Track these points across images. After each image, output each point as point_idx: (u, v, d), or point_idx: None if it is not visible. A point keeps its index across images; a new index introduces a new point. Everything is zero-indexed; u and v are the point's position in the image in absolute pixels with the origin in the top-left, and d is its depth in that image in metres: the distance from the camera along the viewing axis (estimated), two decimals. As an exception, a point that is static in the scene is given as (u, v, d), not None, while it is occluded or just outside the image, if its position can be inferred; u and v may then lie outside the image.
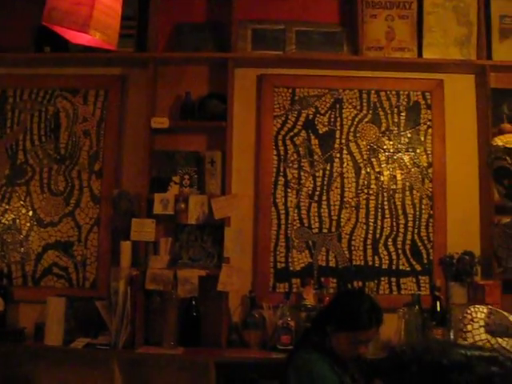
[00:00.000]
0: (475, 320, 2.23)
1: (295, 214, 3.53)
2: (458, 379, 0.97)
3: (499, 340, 2.23)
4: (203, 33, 3.67)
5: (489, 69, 3.58)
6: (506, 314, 2.32)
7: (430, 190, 3.54)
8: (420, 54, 3.62)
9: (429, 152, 3.57)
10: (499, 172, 2.33)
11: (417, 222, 3.52)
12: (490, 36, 3.69)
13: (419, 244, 3.51)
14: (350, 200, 3.54)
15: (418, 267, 3.50)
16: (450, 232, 3.52)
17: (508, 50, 3.67)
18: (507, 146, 2.29)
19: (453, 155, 3.57)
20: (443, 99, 3.63)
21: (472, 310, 2.27)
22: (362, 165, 3.56)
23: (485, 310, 2.26)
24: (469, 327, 2.23)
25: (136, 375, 3.36)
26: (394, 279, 3.50)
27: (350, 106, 3.61)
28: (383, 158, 3.57)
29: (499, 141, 2.34)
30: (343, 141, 3.58)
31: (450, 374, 0.97)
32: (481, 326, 2.23)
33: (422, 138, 3.59)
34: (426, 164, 3.56)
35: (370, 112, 3.61)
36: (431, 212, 3.52)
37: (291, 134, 3.59)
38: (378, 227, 3.52)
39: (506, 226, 2.55)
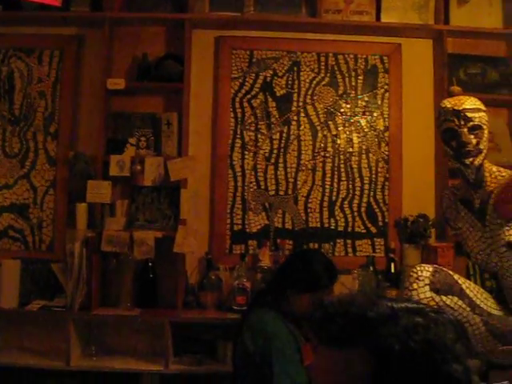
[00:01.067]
0: (420, 278, 2.27)
1: (252, 177, 3.53)
2: (383, 330, 0.98)
3: (443, 298, 2.27)
4: (161, -7, 3.62)
5: (446, 34, 3.59)
6: (451, 272, 2.37)
7: (387, 153, 3.56)
8: (378, 17, 3.61)
9: (385, 116, 3.59)
10: (447, 133, 2.35)
11: (373, 185, 3.55)
12: (448, 1, 3.69)
13: (375, 207, 3.55)
14: (307, 163, 3.55)
15: (373, 229, 3.55)
16: (406, 195, 3.56)
17: (465, 16, 3.67)
18: (455, 107, 2.32)
19: (409, 119, 3.60)
20: (401, 63, 3.64)
21: (418, 268, 2.30)
22: (318, 128, 3.57)
23: (430, 269, 2.30)
24: (414, 285, 2.27)
25: (92, 337, 3.38)
26: (349, 241, 3.54)
27: (307, 69, 3.60)
28: (340, 121, 3.58)
29: (448, 103, 2.36)
30: (300, 103, 3.58)
31: (374, 325, 0.99)
32: (426, 285, 2.26)
33: (379, 102, 3.60)
34: (382, 128, 3.58)
35: (328, 75, 3.60)
36: (387, 175, 3.55)
37: (249, 96, 3.57)
38: (335, 190, 3.54)
39: (454, 188, 2.58)
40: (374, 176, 3.55)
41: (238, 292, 3.29)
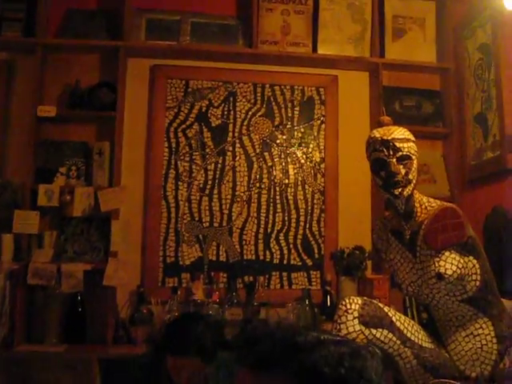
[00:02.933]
0: (349, 311, 2.21)
1: (186, 208, 3.46)
2: (313, 355, 0.96)
3: (373, 331, 2.22)
4: (95, 20, 3.56)
5: (381, 66, 3.63)
6: (381, 305, 2.32)
7: (323, 185, 3.55)
8: (315, 49, 3.63)
9: (322, 147, 3.58)
10: (376, 164, 2.32)
11: (308, 217, 3.52)
12: (383, 35, 3.74)
13: (311, 239, 3.51)
14: (242, 194, 3.50)
15: (309, 262, 3.50)
16: (342, 227, 3.54)
17: (400, 49, 3.73)
18: (384, 137, 2.29)
19: (345, 151, 3.59)
20: (337, 95, 3.65)
21: (346, 301, 2.25)
22: (254, 159, 3.53)
23: (359, 301, 2.24)
24: (343, 318, 2.21)
25: (16, 374, 3.21)
26: (285, 274, 3.48)
27: (243, 100, 3.57)
28: (276, 153, 3.55)
29: (377, 133, 2.34)
30: (236, 134, 3.54)
31: (303, 349, 0.97)
32: (355, 318, 2.20)
33: (316, 133, 3.59)
34: (318, 159, 3.57)
35: (264, 106, 3.58)
36: (323, 207, 3.53)
37: (183, 126, 3.52)
38: (270, 221, 3.49)
39: (385, 219, 2.55)
40: (309, 208, 3.52)
41: (169, 327, 3.17)
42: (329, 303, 3.31)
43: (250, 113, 3.57)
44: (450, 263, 2.21)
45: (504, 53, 3.09)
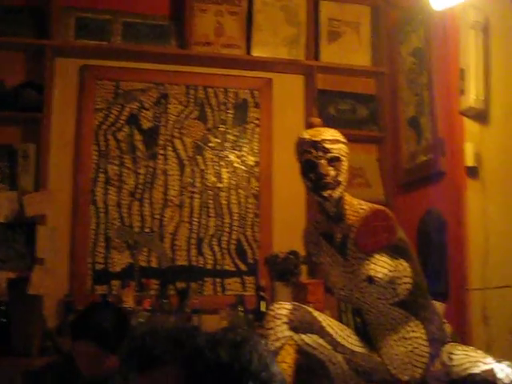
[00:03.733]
0: (278, 317, 2.15)
1: (115, 213, 3.34)
2: (194, 343, 0.95)
3: (303, 336, 2.16)
4: (21, 17, 3.41)
5: (316, 70, 3.61)
6: (310, 309, 2.27)
7: (256, 189, 3.49)
8: (249, 51, 3.58)
9: (255, 151, 3.53)
10: (306, 165, 2.27)
11: (242, 222, 3.46)
12: (318, 38, 3.71)
13: (244, 244, 3.45)
14: (174, 198, 3.41)
15: (243, 267, 3.44)
16: (276, 231, 3.49)
17: (335, 52, 3.72)
18: (314, 138, 2.25)
19: (280, 154, 3.54)
20: (271, 98, 3.61)
21: (275, 306, 2.19)
22: (186, 162, 3.45)
23: (288, 307, 2.19)
24: (271, 324, 2.15)
25: None
26: (218, 280, 3.40)
27: (176, 102, 3.49)
28: (209, 156, 3.48)
29: (306, 134, 2.29)
30: (168, 137, 3.45)
31: (184, 340, 0.99)
32: (283, 323, 2.15)
33: (250, 137, 3.54)
34: (252, 163, 3.51)
35: (197, 108, 3.51)
36: (257, 211, 3.48)
37: (113, 128, 3.41)
38: (203, 226, 3.41)
39: (316, 222, 2.50)
40: (243, 212, 3.46)
41: (97, 336, 3.05)
42: (263, 309, 3.24)
43: (183, 115, 3.48)
44: (380, 266, 2.18)
45: (436, 57, 3.10)
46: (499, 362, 1.99)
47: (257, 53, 3.56)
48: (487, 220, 2.84)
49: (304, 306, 2.27)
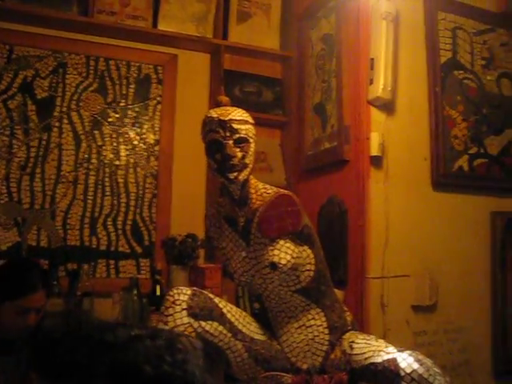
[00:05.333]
0: (177, 303, 2.05)
1: (3, 187, 3.09)
2: (124, 356, 0.80)
3: (202, 323, 2.08)
4: None
5: (224, 49, 3.51)
6: (211, 295, 2.19)
7: (156, 168, 3.35)
8: (155, 25, 3.42)
9: (156, 129, 3.38)
10: (212, 145, 2.17)
11: (139, 202, 3.31)
12: (227, 17, 3.61)
13: (141, 225, 3.30)
14: (68, 174, 3.20)
15: (138, 249, 3.29)
16: (175, 213, 3.37)
17: (244, 33, 3.63)
18: (221, 117, 2.15)
19: (182, 134, 3.42)
20: (176, 75, 3.47)
21: (174, 291, 2.08)
22: (83, 137, 3.25)
23: (188, 292, 2.09)
24: (170, 310, 2.05)
25: None
26: (112, 262, 3.24)
27: (74, 72, 3.27)
28: (107, 132, 3.29)
29: (214, 113, 2.19)
30: (64, 109, 3.23)
31: (111, 350, 0.80)
32: (183, 309, 2.05)
33: (151, 114, 3.38)
34: (152, 141, 3.37)
35: (97, 81, 3.31)
36: (155, 192, 3.33)
37: (5, 96, 3.14)
38: (98, 205, 3.23)
39: (218, 205, 2.41)
40: (141, 192, 3.31)
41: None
42: (158, 293, 3.12)
43: (81, 87, 3.27)
44: (284, 252, 2.12)
45: (346, 44, 3.07)
46: (401, 351, 1.98)
47: (163, 27, 3.40)
48: (388, 209, 2.86)
49: (205, 292, 2.18)
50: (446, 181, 3.03)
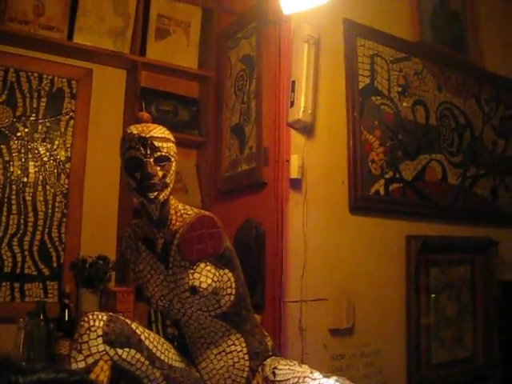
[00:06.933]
0: (92, 329, 1.93)
1: None
2: None
3: (119, 351, 1.96)
4: None
5: (141, 66, 3.41)
6: (128, 321, 2.08)
7: (66, 186, 3.19)
8: (71, 37, 3.28)
9: (68, 145, 3.23)
10: (131, 163, 2.06)
11: (48, 221, 3.14)
12: (146, 33, 3.53)
13: (49, 245, 3.13)
14: (-29, 190, 3.01)
15: (46, 271, 3.12)
16: (85, 234, 3.22)
17: (162, 51, 3.56)
18: (142, 134, 2.06)
19: (95, 151, 3.30)
20: (90, 90, 3.34)
21: (90, 317, 1.96)
22: (-11, 151, 3.07)
23: (104, 318, 1.97)
24: (85, 337, 1.92)
25: None
26: (17, 284, 3.05)
27: (-19, 82, 3.10)
28: (15, 147, 3.11)
29: (134, 129, 2.09)
30: (-30, 122, 3.05)
31: None
32: (98, 336, 1.93)
33: (63, 129, 3.23)
34: (63, 158, 3.21)
35: (6, 92, 3.13)
36: (65, 211, 3.18)
37: None
38: (3, 224, 3.04)
39: (136, 226, 2.31)
40: (50, 211, 3.14)
41: None
42: (67, 318, 2.97)
43: (-12, 98, 3.10)
44: (205, 276, 2.04)
45: (267, 65, 3.06)
46: (327, 376, 1.93)
47: (79, 40, 3.27)
48: (306, 233, 2.84)
49: (122, 317, 2.06)
50: (362, 204, 3.05)
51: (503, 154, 3.94)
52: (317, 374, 1.94)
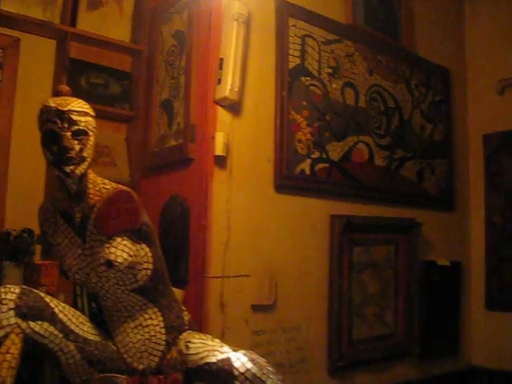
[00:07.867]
0: (4, 302, 1.92)
1: None
2: None
3: (31, 324, 1.96)
4: None
5: (71, 37, 3.36)
6: (42, 294, 2.07)
7: (-8, 156, 3.14)
8: (-3, 5, 3.21)
9: (-7, 115, 3.18)
10: (48, 136, 2.05)
11: (-28, 193, 3.09)
12: (77, 2, 3.46)
13: (-29, 217, 3.09)
14: None
15: (-33, 244, 3.07)
16: (10, 206, 3.18)
17: (94, 22, 3.50)
18: (60, 108, 2.05)
19: (21, 122, 3.24)
20: (18, 60, 3.27)
21: (1, 290, 1.95)
22: None
23: (16, 290, 1.96)
24: (-5, 311, 1.92)
25: None
26: None
27: None
28: None
29: (52, 102, 2.07)
30: None
31: None
32: (10, 309, 1.92)
33: (-11, 99, 3.18)
34: (-7, 128, 3.16)
35: None
36: (-9, 181, 3.13)
37: None
38: None
39: (54, 199, 2.29)
40: (-26, 182, 3.10)
41: None
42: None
43: None
44: (121, 250, 2.06)
45: (197, 42, 3.06)
46: (236, 350, 1.99)
47: (6, 7, 3.18)
48: (231, 209, 2.88)
49: (35, 290, 2.06)
50: (288, 183, 3.10)
51: (430, 138, 4.04)
52: (226, 348, 1.99)
